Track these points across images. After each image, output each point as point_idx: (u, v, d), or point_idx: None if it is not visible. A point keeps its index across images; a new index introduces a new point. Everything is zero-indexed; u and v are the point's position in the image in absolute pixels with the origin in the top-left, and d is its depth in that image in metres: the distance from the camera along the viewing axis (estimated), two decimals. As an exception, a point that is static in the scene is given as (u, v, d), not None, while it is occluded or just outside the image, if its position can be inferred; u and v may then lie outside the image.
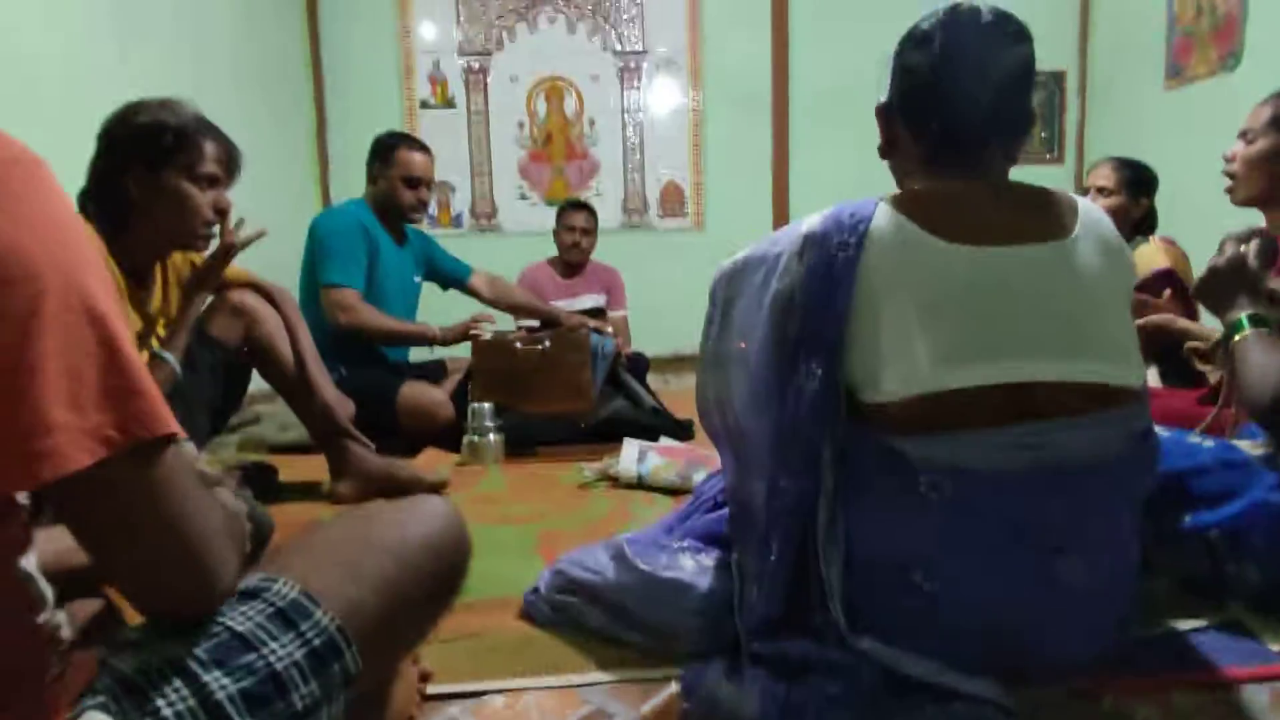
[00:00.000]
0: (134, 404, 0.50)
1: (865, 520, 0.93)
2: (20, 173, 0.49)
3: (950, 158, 1.00)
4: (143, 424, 0.50)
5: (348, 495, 1.91)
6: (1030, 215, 0.96)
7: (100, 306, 0.50)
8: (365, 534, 0.70)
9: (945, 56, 0.96)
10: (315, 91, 4.20)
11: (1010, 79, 0.97)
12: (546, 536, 1.62)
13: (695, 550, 1.14)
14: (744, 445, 1.03)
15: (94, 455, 0.48)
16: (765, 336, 0.97)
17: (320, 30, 4.20)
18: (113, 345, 0.50)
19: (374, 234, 2.56)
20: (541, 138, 4.39)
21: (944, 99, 0.97)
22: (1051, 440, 0.89)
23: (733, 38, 4.38)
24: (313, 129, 4.21)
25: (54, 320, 0.47)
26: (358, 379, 2.41)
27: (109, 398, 0.49)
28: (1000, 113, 0.98)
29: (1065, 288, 0.92)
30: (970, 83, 0.96)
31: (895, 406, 0.90)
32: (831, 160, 4.25)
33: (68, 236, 0.50)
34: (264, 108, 3.63)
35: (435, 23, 4.29)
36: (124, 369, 0.50)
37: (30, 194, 0.49)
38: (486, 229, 4.39)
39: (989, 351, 0.89)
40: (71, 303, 0.48)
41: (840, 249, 0.93)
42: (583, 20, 4.35)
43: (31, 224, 0.48)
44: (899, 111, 1.03)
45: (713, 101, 4.42)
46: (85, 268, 0.50)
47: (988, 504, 0.88)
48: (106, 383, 0.49)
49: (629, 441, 2.10)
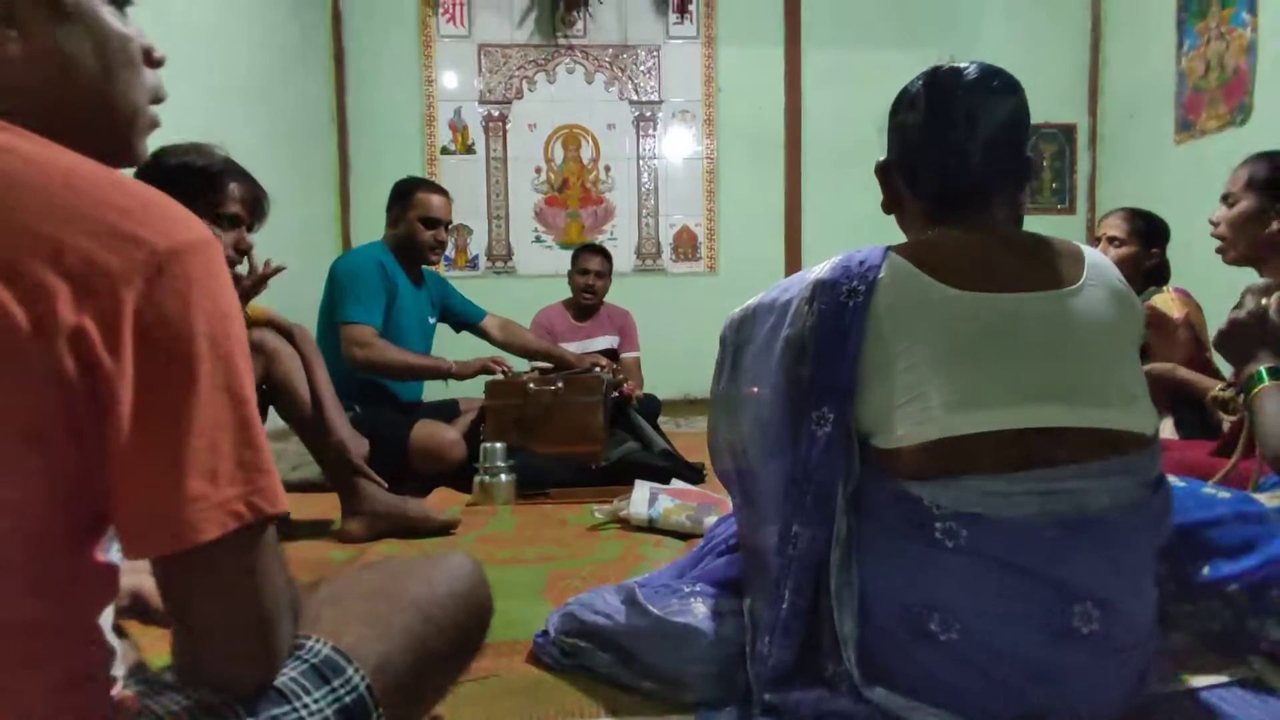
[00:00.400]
0: (261, 480, 0.54)
1: (879, 567, 0.92)
2: (197, 258, 0.52)
3: (950, 212, 1.01)
4: (267, 499, 0.54)
5: (358, 534, 1.91)
6: (1037, 263, 0.96)
7: (243, 387, 0.54)
8: (393, 589, 0.70)
9: (932, 114, 0.99)
10: (340, 137, 4.30)
11: (1001, 130, 0.98)
12: (556, 578, 1.61)
13: (707, 595, 1.13)
14: (756, 490, 1.03)
15: (224, 528, 0.51)
16: (777, 382, 0.97)
17: (346, 79, 4.31)
18: (248, 422, 0.54)
19: (392, 274, 2.60)
20: (558, 183, 4.46)
21: (936, 155, 0.99)
22: (1063, 487, 0.88)
23: (747, 88, 4.47)
24: (335, 173, 4.30)
25: (205, 399, 0.51)
26: (371, 417, 2.42)
27: (241, 470, 0.53)
28: (994, 165, 0.99)
29: (1075, 335, 0.92)
30: (959, 138, 0.97)
31: (908, 451, 0.90)
32: (844, 206, 4.29)
33: (226, 318, 0.53)
34: (288, 153, 3.71)
35: (457, 73, 4.40)
36: (256, 445, 0.54)
37: (202, 278, 0.52)
38: (502, 271, 4.44)
39: (1001, 397, 0.89)
40: (220, 381, 0.52)
41: (850, 295, 0.93)
42: (600, 71, 4.45)
43: (199, 306, 0.51)
44: (896, 171, 1.05)
45: (726, 149, 4.49)
46: (236, 348, 0.54)
47: (1002, 551, 0.87)
48: (240, 457, 0.53)
49: (640, 484, 2.09)
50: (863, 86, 4.24)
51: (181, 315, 0.51)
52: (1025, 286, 0.93)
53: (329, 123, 4.25)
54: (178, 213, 0.53)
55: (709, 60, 4.47)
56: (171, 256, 0.51)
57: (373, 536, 1.92)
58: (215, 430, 0.52)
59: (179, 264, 0.51)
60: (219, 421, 0.52)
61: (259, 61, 3.46)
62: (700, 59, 4.47)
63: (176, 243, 0.51)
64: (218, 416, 0.52)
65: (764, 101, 4.48)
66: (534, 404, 2.55)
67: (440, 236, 2.67)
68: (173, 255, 0.51)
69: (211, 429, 0.51)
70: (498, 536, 1.97)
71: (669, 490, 2.09)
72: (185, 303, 0.51)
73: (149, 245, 0.50)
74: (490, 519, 2.14)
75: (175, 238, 0.51)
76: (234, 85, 3.20)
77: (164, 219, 0.52)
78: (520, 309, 3.42)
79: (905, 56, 4.45)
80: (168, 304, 0.50)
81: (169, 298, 0.50)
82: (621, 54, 4.45)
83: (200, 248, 0.53)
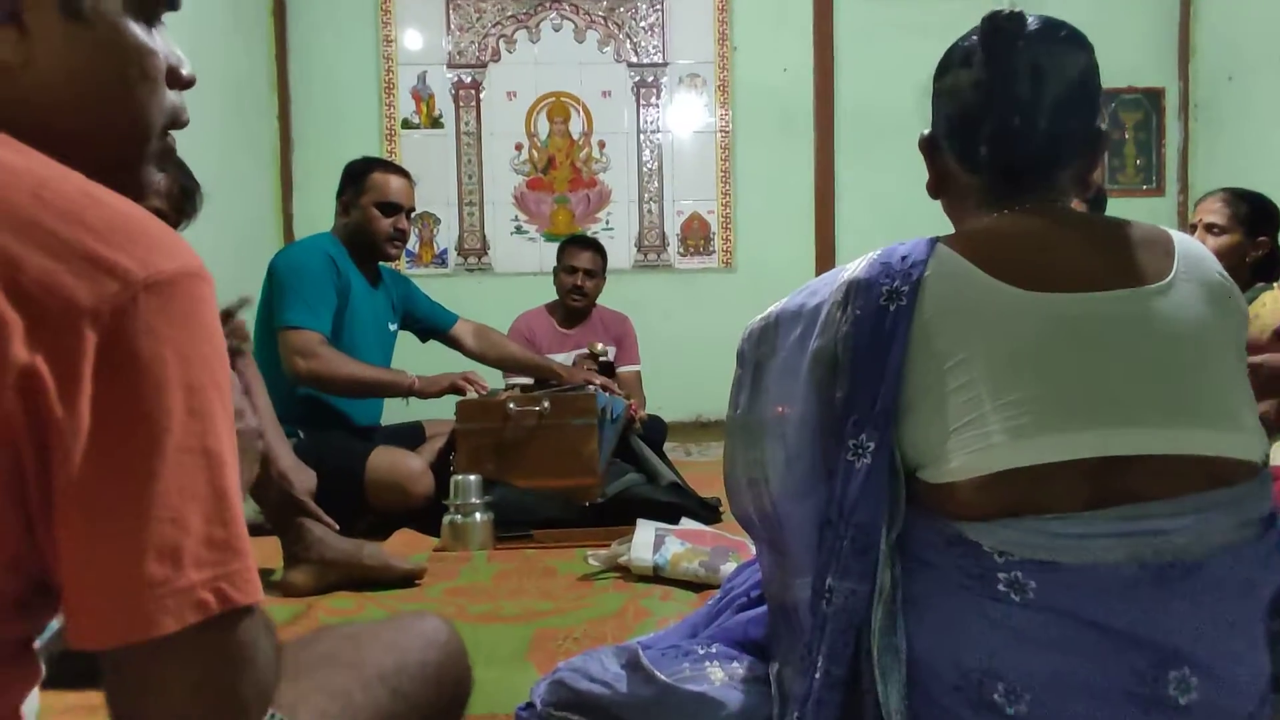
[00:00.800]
0: (231, 563, 0.53)
1: (931, 626, 0.91)
2: (179, 292, 0.53)
3: (1011, 189, 1.01)
4: (237, 586, 0.53)
5: (304, 585, 1.91)
6: (1117, 255, 0.96)
7: (219, 445, 0.54)
8: (356, 658, 0.71)
9: (992, 66, 0.99)
10: (280, 108, 4.33)
11: (1072, 89, 0.99)
12: (543, 639, 1.61)
13: (725, 658, 1.13)
14: (782, 534, 1.03)
15: (182, 621, 0.51)
16: (805, 404, 0.97)
17: (288, 36, 4.35)
18: (222, 492, 0.53)
19: (344, 271, 2.61)
20: (542, 162, 4.49)
21: (996, 120, 0.99)
22: (1151, 527, 0.88)
23: (768, 47, 4.50)
24: (275, 151, 4.33)
25: (172, 461, 0.51)
26: (319, 444, 2.42)
27: (210, 550, 0.52)
28: (1064, 131, 1.00)
29: (1162, 341, 0.92)
30: (1024, 95, 0.98)
31: (965, 487, 0.90)
32: (886, 189, 4.29)
33: (208, 364, 0.54)
34: (218, 124, 3.73)
35: (421, 31, 4.43)
36: (228, 520, 0.54)
37: (184, 315, 0.53)
38: (476, 268, 4.46)
39: (1073, 420, 0.89)
40: (192, 441, 0.52)
41: (891, 298, 0.94)
42: (593, 28, 4.48)
43: (176, 349, 0.52)
44: (945, 142, 1.05)
45: (744, 121, 4.52)
46: (216, 402, 0.54)
47: (1079, 605, 0.87)
48: (210, 534, 0.53)
49: (643, 524, 2.09)
50: (908, 44, 4.26)
51: (155, 359, 0.51)
52: (1102, 283, 0.93)
53: (268, 91, 4.28)
54: (164, 237, 0.54)
55: (723, 14, 4.50)
56: (150, 289, 0.51)
57: (321, 589, 1.91)
58: (183, 501, 0.51)
59: (158, 298, 0.51)
60: (188, 490, 0.52)
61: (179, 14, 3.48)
62: (712, 12, 4.50)
63: (158, 272, 0.52)
64: (187, 484, 0.51)
65: (789, 63, 4.50)
66: (515, 428, 2.55)
67: (401, 225, 2.68)
68: (152, 287, 0.51)
69: (178, 499, 0.51)
70: (472, 588, 1.97)
71: (678, 531, 2.09)
72: (160, 344, 0.51)
73: (124, 274, 0.50)
74: (463, 567, 2.14)
75: (156, 266, 0.52)
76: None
77: (147, 243, 0.52)
78: (497, 313, 3.43)
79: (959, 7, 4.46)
80: (139, 345, 0.50)
81: (142, 337, 0.50)
82: (618, 7, 4.48)
83: (185, 280, 0.53)
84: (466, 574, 2.09)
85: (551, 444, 2.55)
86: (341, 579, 1.93)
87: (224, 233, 3.46)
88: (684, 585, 1.94)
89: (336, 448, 2.48)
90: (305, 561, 1.93)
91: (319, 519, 1.94)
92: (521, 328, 3.55)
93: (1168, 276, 0.95)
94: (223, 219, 3.40)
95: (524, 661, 1.49)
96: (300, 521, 1.93)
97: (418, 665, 0.73)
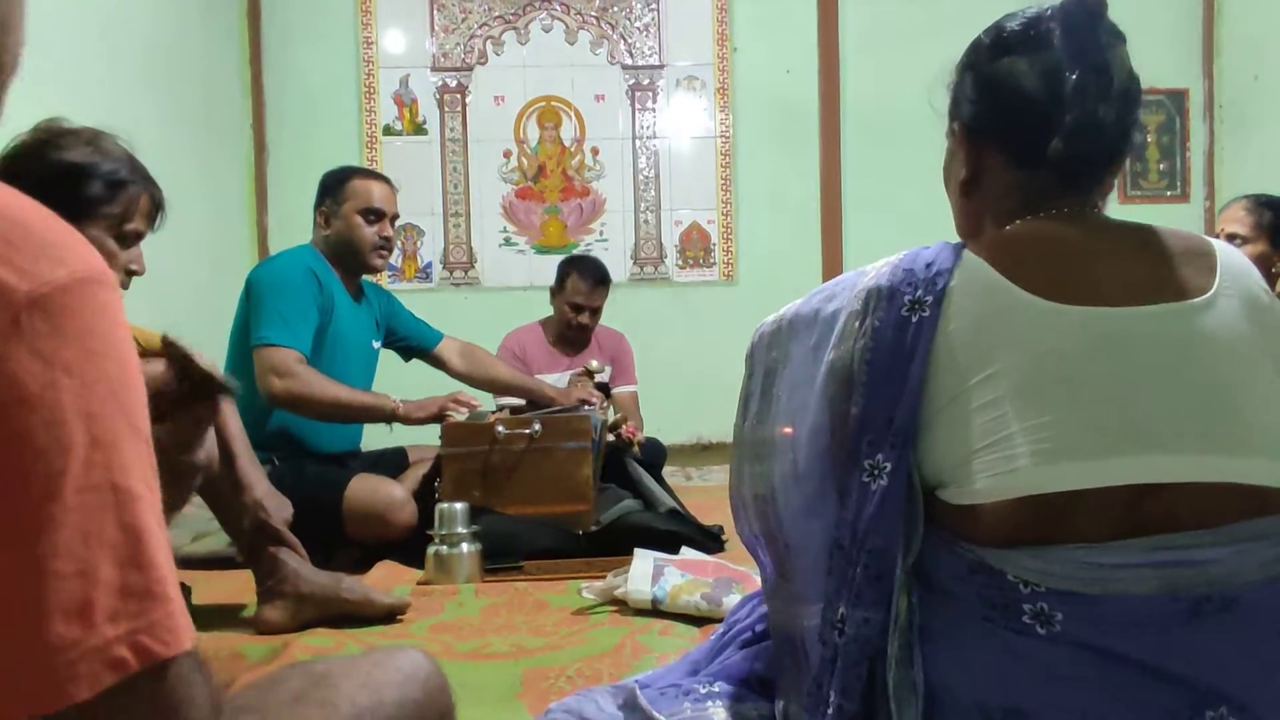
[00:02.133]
0: (152, 612, 0.51)
1: (950, 659, 0.91)
2: (73, 302, 0.49)
3: (1066, 188, 1.01)
4: (159, 638, 0.51)
5: (279, 621, 1.90)
6: (1157, 266, 0.96)
7: (128, 479, 0.51)
8: (331, 697, 0.70)
9: (1076, 58, 0.97)
10: (254, 114, 4.35)
11: (1132, 82, 1.00)
12: (534, 678, 1.60)
13: (728, 698, 1.13)
14: (789, 556, 1.03)
15: (98, 685, 0.48)
16: (818, 419, 0.97)
17: (263, 39, 4.37)
18: (135, 531, 0.50)
19: (328, 286, 2.61)
20: (532, 170, 4.50)
21: (1077, 111, 0.97)
22: (1188, 558, 0.87)
23: (770, 48, 4.53)
24: (249, 159, 4.34)
25: (73, 504, 0.48)
26: (294, 471, 2.41)
27: (125, 600, 0.50)
28: (1128, 125, 1.00)
29: (1202, 361, 0.92)
30: (1105, 89, 0.97)
31: (989, 511, 0.90)
32: (894, 197, 4.33)
33: (111, 385, 0.50)
34: (187, 130, 3.75)
35: (404, 32, 4.46)
36: (145, 563, 0.51)
37: (79, 331, 0.49)
38: (462, 283, 4.47)
39: (1107, 443, 0.89)
40: (96, 477, 0.49)
41: (914, 308, 0.94)
42: (585, 29, 4.51)
43: (71, 372, 0.49)
44: (993, 135, 1.04)
45: (745, 126, 4.54)
46: (122, 426, 0.51)
47: (1110, 639, 0.87)
48: (124, 581, 0.50)
49: (641, 553, 2.09)
50: (917, 44, 4.29)
51: (45, 389, 0.47)
52: (1140, 297, 0.93)
53: (241, 95, 4.30)
54: (52, 237, 0.50)
55: (722, 13, 4.53)
56: (35, 305, 0.48)
57: (298, 625, 1.90)
58: (89, 549, 0.48)
59: (46, 314, 0.48)
60: (94, 535, 0.49)
61: (146, 8, 3.50)
62: (711, 11, 4.53)
63: (45, 284, 0.48)
64: (92, 528, 0.48)
65: (792, 64, 4.54)
66: (503, 452, 2.54)
67: (385, 233, 2.68)
68: (37, 302, 0.48)
69: (83, 547, 0.48)
70: (458, 624, 1.96)
71: (678, 562, 2.09)
72: (51, 370, 0.48)
73: (3, 292, 0.47)
74: (448, 602, 2.13)
75: (44, 277, 0.48)
76: (114, 36, 3.22)
77: (31, 249, 0.49)
78: (485, 330, 3.43)
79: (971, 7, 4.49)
80: (22, 372, 0.47)
81: (26, 366, 0.47)
82: (611, 6, 4.51)
83: (79, 288, 0.50)
84: (452, 609, 2.08)
85: (542, 469, 2.55)
86: (319, 615, 1.91)
87: (195, 244, 3.47)
88: (685, 619, 1.93)
89: (313, 475, 2.47)
90: (280, 596, 1.92)
91: (296, 550, 1.93)
92: (512, 346, 3.54)
93: (1210, 290, 0.94)
94: (194, 230, 3.41)
95: (514, 702, 1.48)
96: (275, 553, 1.92)
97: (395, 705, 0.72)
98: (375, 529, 2.46)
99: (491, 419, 2.62)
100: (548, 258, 4.16)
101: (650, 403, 3.71)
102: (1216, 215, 3.21)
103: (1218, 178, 4.55)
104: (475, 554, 2.33)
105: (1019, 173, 1.03)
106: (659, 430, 3.54)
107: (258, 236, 4.35)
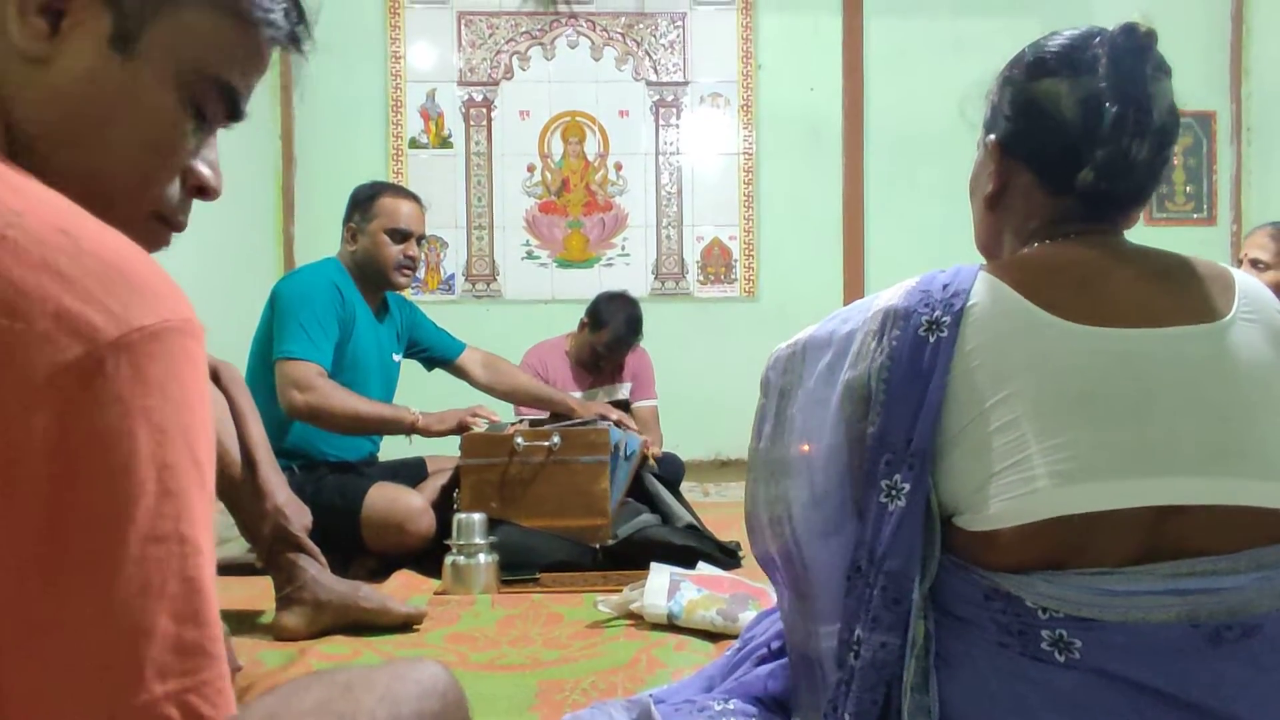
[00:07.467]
0: (203, 671, 0.49)
1: (966, 686, 0.90)
2: (159, 350, 0.48)
3: (1094, 215, 1.01)
4: (209, 699, 0.48)
5: (297, 628, 1.90)
6: (1175, 289, 0.96)
7: (193, 530, 0.49)
8: (348, 709, 0.70)
9: (1121, 91, 0.96)
10: (283, 126, 4.39)
11: (1172, 117, 0.99)
12: (549, 690, 1.60)
13: (743, 715, 1.12)
14: (806, 577, 1.02)
15: None
16: (834, 440, 0.97)
17: (292, 53, 4.40)
18: (195, 585, 0.49)
19: (350, 302, 2.63)
20: (556, 185, 4.52)
21: (1112, 145, 0.96)
22: (1209, 585, 0.87)
23: (794, 65, 4.54)
24: (277, 170, 4.38)
25: (136, 554, 0.47)
26: (314, 480, 2.42)
27: (178, 656, 0.48)
28: (1161, 161, 0.99)
29: (1222, 383, 0.92)
30: (1144, 125, 0.96)
31: (1006, 535, 0.89)
32: (917, 214, 4.32)
33: (188, 434, 0.49)
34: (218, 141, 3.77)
35: (431, 47, 4.49)
36: (202, 619, 0.49)
37: (161, 379, 0.48)
38: (484, 295, 4.48)
39: (1124, 466, 0.88)
40: (164, 528, 0.48)
41: (931, 328, 0.93)
42: (610, 45, 4.53)
43: (149, 419, 0.47)
44: (1025, 154, 1.03)
45: (769, 143, 4.55)
46: (192, 479, 0.49)
47: (1129, 668, 0.86)
48: (179, 637, 0.48)
49: (658, 568, 2.08)
50: (943, 62, 4.28)
51: (122, 436, 0.46)
52: (1159, 319, 0.93)
53: (270, 107, 4.34)
54: (147, 281, 0.49)
55: (747, 30, 4.54)
56: (122, 349, 0.47)
57: (315, 632, 1.91)
58: (147, 601, 0.46)
59: (131, 359, 0.47)
60: (154, 588, 0.47)
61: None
62: (736, 29, 4.54)
63: (133, 329, 0.47)
64: (153, 580, 0.47)
65: (816, 81, 4.54)
66: (522, 464, 2.54)
67: (410, 252, 2.70)
68: (125, 347, 0.47)
69: (141, 600, 0.46)
70: (474, 634, 1.96)
71: (694, 577, 2.08)
72: (129, 417, 0.46)
73: (91, 333, 0.46)
74: (464, 612, 2.13)
75: (132, 321, 0.47)
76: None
77: (125, 291, 0.48)
78: (506, 343, 3.44)
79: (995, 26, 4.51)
80: (102, 418, 0.46)
81: (107, 411, 0.46)
82: (637, 23, 4.53)
83: (167, 335, 0.49)
84: (468, 619, 2.08)
85: (560, 482, 2.55)
86: (336, 622, 1.92)
87: (222, 254, 3.50)
88: (700, 635, 1.92)
89: (332, 484, 2.48)
90: (298, 603, 1.92)
91: (315, 557, 1.94)
92: (534, 363, 3.53)
93: (1228, 314, 0.94)
94: (221, 240, 3.44)
95: (528, 714, 1.48)
96: (294, 560, 1.93)
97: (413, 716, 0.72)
98: (393, 538, 2.47)
99: (510, 431, 2.62)
100: (570, 271, 4.17)
101: (669, 418, 3.70)
102: (1243, 240, 3.19)
103: (1245, 201, 4.51)
104: (492, 565, 2.33)
105: (1046, 195, 1.02)
106: (678, 445, 3.53)
107: (285, 245, 4.38)
